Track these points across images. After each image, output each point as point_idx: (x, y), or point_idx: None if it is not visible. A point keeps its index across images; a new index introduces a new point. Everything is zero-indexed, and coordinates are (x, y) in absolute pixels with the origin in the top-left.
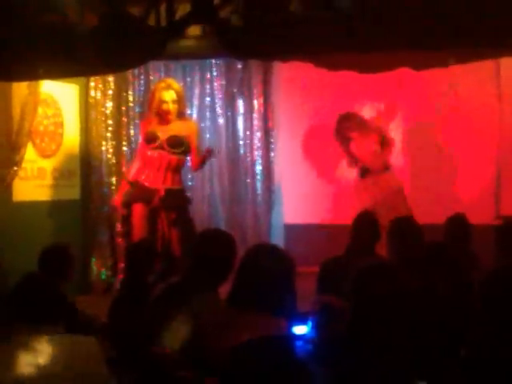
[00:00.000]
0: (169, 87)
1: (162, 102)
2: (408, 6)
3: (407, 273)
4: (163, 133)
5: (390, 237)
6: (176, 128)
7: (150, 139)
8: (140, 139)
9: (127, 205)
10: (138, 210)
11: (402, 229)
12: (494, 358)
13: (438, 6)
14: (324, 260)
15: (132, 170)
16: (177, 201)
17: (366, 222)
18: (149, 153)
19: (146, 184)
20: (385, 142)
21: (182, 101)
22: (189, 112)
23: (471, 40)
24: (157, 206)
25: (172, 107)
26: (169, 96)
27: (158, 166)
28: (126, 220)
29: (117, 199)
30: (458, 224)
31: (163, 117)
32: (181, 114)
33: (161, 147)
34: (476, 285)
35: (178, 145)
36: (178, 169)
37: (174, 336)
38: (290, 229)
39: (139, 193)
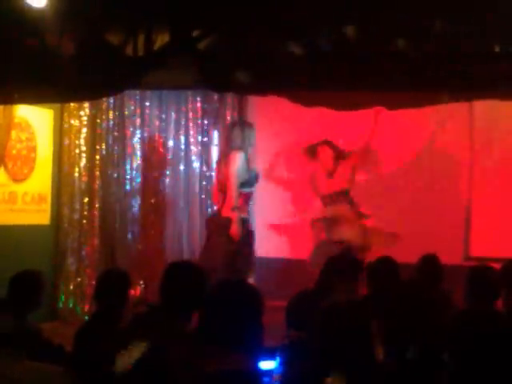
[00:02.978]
0: None
1: None
2: (384, 49)
3: (382, 309)
4: None
5: (366, 275)
6: None
7: None
8: None
9: None
10: None
11: (377, 268)
12: None
13: (410, 48)
14: (292, 295)
15: None
16: None
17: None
18: None
19: None
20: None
21: None
22: (163, 142)
23: (445, 83)
24: None
25: None
26: None
27: None
28: None
29: None
30: (430, 263)
31: None
32: None
33: None
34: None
35: None
36: None
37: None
38: (261, 262)
39: None
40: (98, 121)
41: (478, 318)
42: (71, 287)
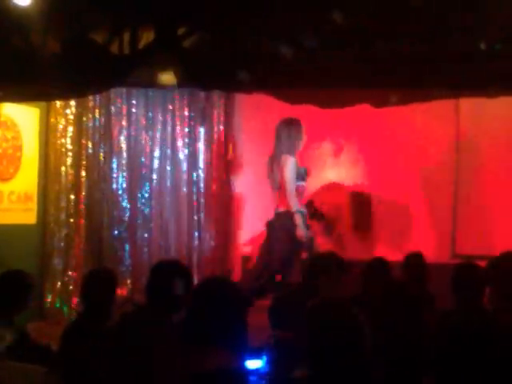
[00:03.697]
0: None
1: None
2: (370, 48)
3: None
4: None
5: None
6: None
7: None
8: None
9: None
10: None
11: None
12: None
13: (396, 46)
14: (276, 295)
15: None
16: None
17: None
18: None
19: None
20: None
21: None
22: (150, 140)
23: (431, 80)
24: None
25: None
26: None
27: None
28: None
29: None
30: (415, 263)
31: None
32: None
33: None
34: (431, 325)
35: None
36: None
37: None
38: (248, 260)
39: None
40: (84, 119)
41: (463, 318)
42: (58, 287)
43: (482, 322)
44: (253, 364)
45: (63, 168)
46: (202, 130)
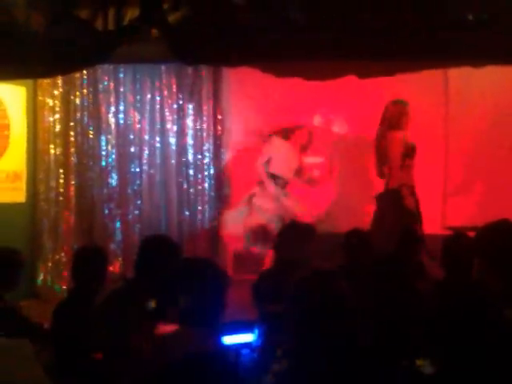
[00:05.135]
0: None
1: None
2: (356, 18)
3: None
4: None
5: (342, 247)
6: None
7: None
8: None
9: None
10: None
11: (350, 240)
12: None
13: (385, 18)
14: (261, 271)
15: None
16: None
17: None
18: None
19: None
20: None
21: None
22: (138, 117)
23: (419, 50)
24: None
25: None
26: None
27: None
28: None
29: None
30: (407, 234)
31: None
32: None
33: None
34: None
35: None
36: None
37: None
38: None
39: None
40: (72, 97)
41: (452, 290)
42: (49, 265)
43: (471, 293)
44: (245, 338)
45: (52, 146)
46: (190, 106)
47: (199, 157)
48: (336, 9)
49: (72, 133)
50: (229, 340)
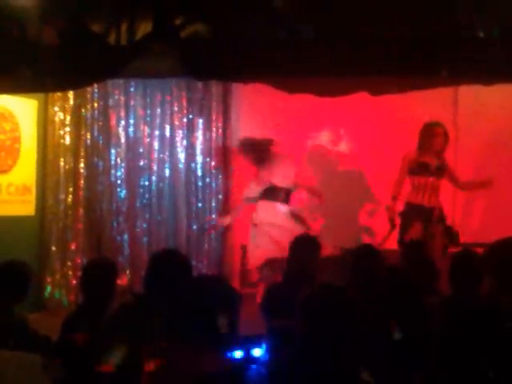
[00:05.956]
0: None
1: None
2: (369, 34)
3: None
4: None
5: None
6: None
7: None
8: None
9: None
10: None
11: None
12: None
13: (395, 33)
14: (269, 285)
15: None
16: None
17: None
18: None
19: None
20: None
21: None
22: (148, 131)
23: (430, 67)
24: None
25: None
26: None
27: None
28: None
29: None
30: (414, 249)
31: None
32: None
33: None
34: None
35: None
36: None
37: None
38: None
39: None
40: (83, 110)
41: (460, 306)
42: (57, 277)
43: (478, 310)
44: (254, 352)
45: (62, 159)
46: (200, 120)
47: (208, 171)
48: (347, 24)
49: (82, 146)
50: (236, 354)
